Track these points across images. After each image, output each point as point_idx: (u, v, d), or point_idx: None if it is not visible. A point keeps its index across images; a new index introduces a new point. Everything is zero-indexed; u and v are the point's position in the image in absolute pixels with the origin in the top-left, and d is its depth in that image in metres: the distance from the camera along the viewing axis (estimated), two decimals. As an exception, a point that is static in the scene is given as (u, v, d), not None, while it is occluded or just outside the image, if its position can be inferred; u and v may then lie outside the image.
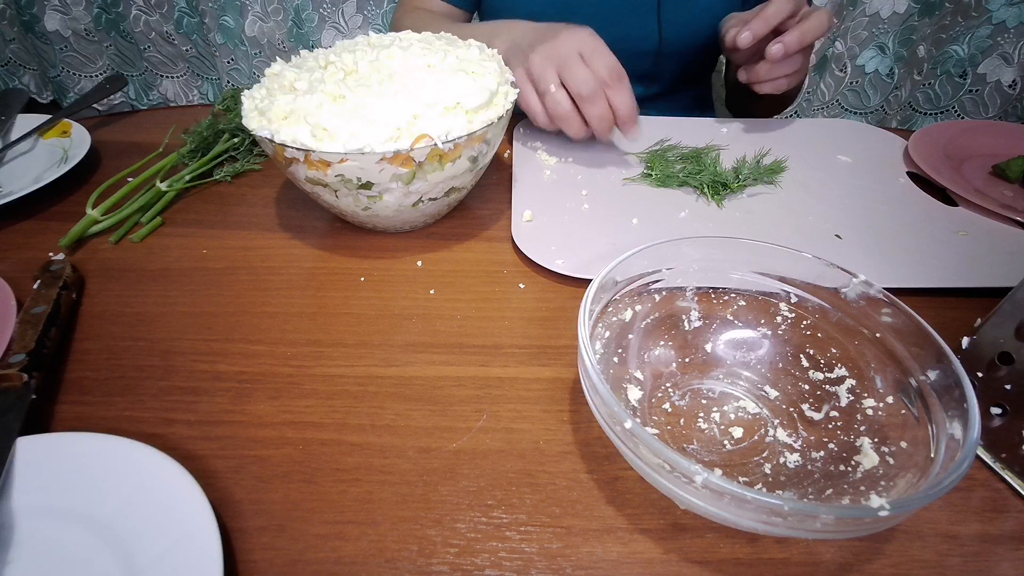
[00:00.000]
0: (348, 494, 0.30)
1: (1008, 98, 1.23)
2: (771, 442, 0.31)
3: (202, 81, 1.48)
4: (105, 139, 0.62)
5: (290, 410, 0.34)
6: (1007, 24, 1.15)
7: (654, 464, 0.25)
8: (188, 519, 0.26)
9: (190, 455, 0.31)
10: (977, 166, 0.57)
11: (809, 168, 0.56)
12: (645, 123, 0.64)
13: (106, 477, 0.28)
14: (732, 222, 0.49)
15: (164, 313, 0.41)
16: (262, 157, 0.58)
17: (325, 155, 0.38)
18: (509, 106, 0.44)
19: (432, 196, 0.44)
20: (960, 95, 1.26)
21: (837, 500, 0.27)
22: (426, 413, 0.34)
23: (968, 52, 1.20)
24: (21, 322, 0.36)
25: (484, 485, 0.30)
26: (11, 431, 0.30)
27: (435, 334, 0.39)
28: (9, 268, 0.45)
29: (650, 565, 0.27)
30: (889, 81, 1.25)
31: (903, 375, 0.30)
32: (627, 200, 0.51)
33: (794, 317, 0.35)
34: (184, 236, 0.49)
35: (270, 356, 0.38)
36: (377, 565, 0.27)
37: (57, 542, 0.27)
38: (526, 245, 0.45)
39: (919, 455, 0.27)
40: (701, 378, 0.35)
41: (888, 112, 1.29)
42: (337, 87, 0.40)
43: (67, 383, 0.36)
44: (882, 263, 0.44)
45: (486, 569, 0.27)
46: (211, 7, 1.31)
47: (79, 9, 1.35)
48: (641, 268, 0.34)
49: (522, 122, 0.63)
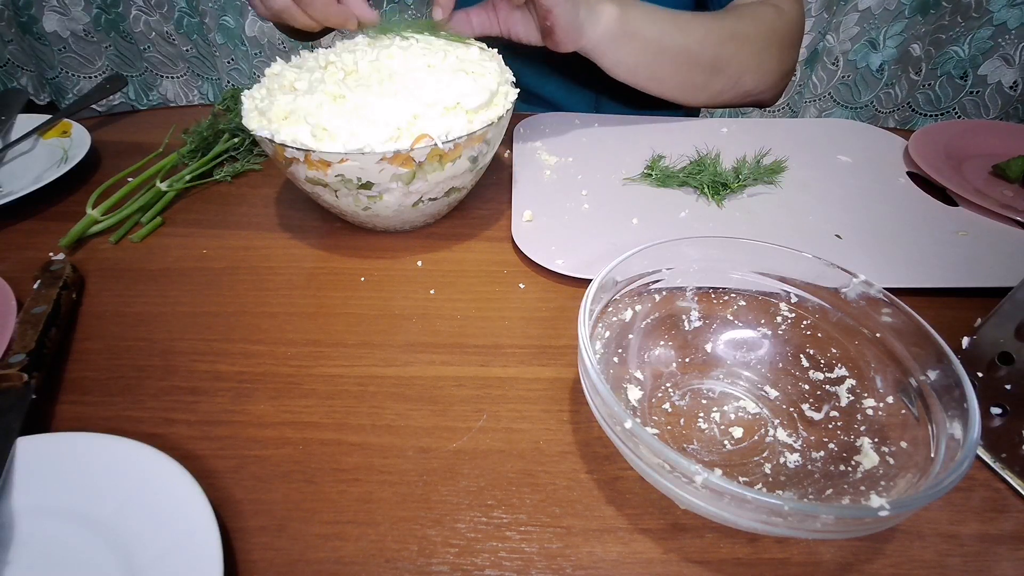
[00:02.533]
0: (348, 494, 0.30)
1: (1009, 99, 1.23)
2: (771, 442, 0.31)
3: (202, 81, 1.48)
4: (105, 139, 0.62)
5: (290, 410, 0.34)
6: (1008, 25, 1.15)
7: (654, 464, 0.25)
8: (188, 519, 0.26)
9: (190, 455, 0.31)
10: (977, 166, 0.57)
11: (809, 168, 0.56)
12: (647, 122, 0.64)
13: (106, 477, 0.28)
14: (732, 222, 0.49)
15: (164, 313, 0.41)
16: (262, 157, 0.58)
17: (325, 155, 0.38)
18: (509, 106, 0.44)
19: (432, 196, 0.44)
20: (961, 96, 1.26)
21: (837, 500, 0.27)
22: (426, 413, 0.34)
23: (969, 53, 1.20)
24: (21, 322, 0.36)
25: (484, 485, 0.30)
26: (11, 431, 0.30)
27: (435, 334, 0.39)
28: (9, 268, 0.45)
29: (650, 565, 0.27)
30: (879, 77, 1.25)
31: (903, 375, 0.30)
32: (627, 200, 0.51)
33: (794, 317, 0.35)
34: (184, 236, 0.49)
35: (270, 356, 0.38)
36: (377, 565, 0.27)
37: (57, 542, 0.27)
38: (526, 245, 0.45)
39: (919, 455, 0.27)
40: (701, 378, 0.35)
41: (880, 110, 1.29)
42: (337, 87, 0.40)
43: (67, 383, 0.36)
44: (882, 263, 0.44)
45: (486, 569, 0.27)
46: (211, 7, 1.31)
47: (78, 10, 1.35)
48: (641, 268, 0.34)
49: (522, 122, 0.63)
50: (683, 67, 0.59)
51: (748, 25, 0.61)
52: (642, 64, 0.58)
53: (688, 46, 0.58)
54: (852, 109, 1.30)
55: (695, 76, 0.60)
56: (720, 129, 0.63)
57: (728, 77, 0.61)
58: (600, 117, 0.65)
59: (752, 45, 0.61)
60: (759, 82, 0.63)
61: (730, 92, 0.63)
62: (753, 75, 0.62)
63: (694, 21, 0.58)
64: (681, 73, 0.59)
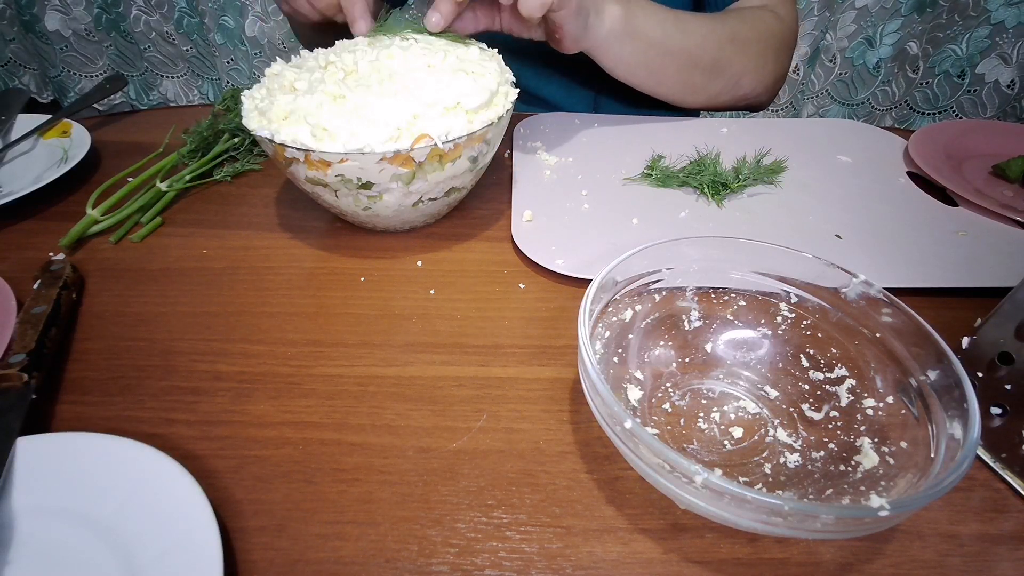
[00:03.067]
0: (348, 494, 0.30)
1: (1007, 98, 1.23)
2: (771, 442, 0.31)
3: (202, 81, 1.48)
4: (105, 139, 0.62)
5: (290, 410, 0.34)
6: (1006, 24, 1.15)
7: (654, 464, 0.25)
8: (188, 519, 0.26)
9: (190, 455, 0.31)
10: (977, 166, 0.57)
11: (809, 168, 0.56)
12: (647, 122, 0.64)
13: (106, 477, 0.28)
14: (732, 222, 0.49)
15: (164, 313, 0.41)
16: (262, 157, 0.58)
17: (325, 155, 0.38)
18: (509, 106, 0.44)
19: (432, 196, 0.44)
20: (958, 95, 1.26)
21: (837, 500, 0.27)
22: (426, 413, 0.34)
23: (966, 52, 1.20)
24: (21, 322, 0.36)
25: (484, 485, 0.30)
26: (11, 431, 0.30)
27: (435, 334, 0.39)
28: (9, 268, 0.45)
29: (650, 565, 0.27)
30: (876, 74, 1.25)
31: (903, 375, 0.30)
32: (627, 200, 0.51)
33: (794, 317, 0.35)
34: (184, 236, 0.49)
35: (270, 356, 0.38)
36: (377, 565, 0.27)
37: (57, 542, 0.27)
38: (526, 245, 0.45)
39: (919, 455, 0.27)
40: (701, 378, 0.35)
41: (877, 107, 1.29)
42: (337, 87, 0.40)
43: (67, 383, 0.36)
44: (882, 263, 0.44)
45: (486, 569, 0.27)
46: (211, 7, 1.31)
47: (79, 9, 1.35)
48: (641, 268, 0.34)
49: (522, 122, 0.63)
50: (683, 68, 0.59)
51: (749, 28, 0.61)
52: (643, 63, 0.58)
53: (689, 47, 0.58)
54: (849, 106, 1.30)
55: (695, 77, 0.60)
56: (720, 129, 0.63)
57: (727, 79, 0.61)
58: (600, 117, 0.65)
59: (752, 48, 0.61)
60: (756, 85, 0.63)
61: (728, 94, 0.63)
62: (752, 78, 0.62)
63: (696, 22, 0.58)
64: (681, 73, 0.59)
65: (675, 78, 0.60)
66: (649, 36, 0.56)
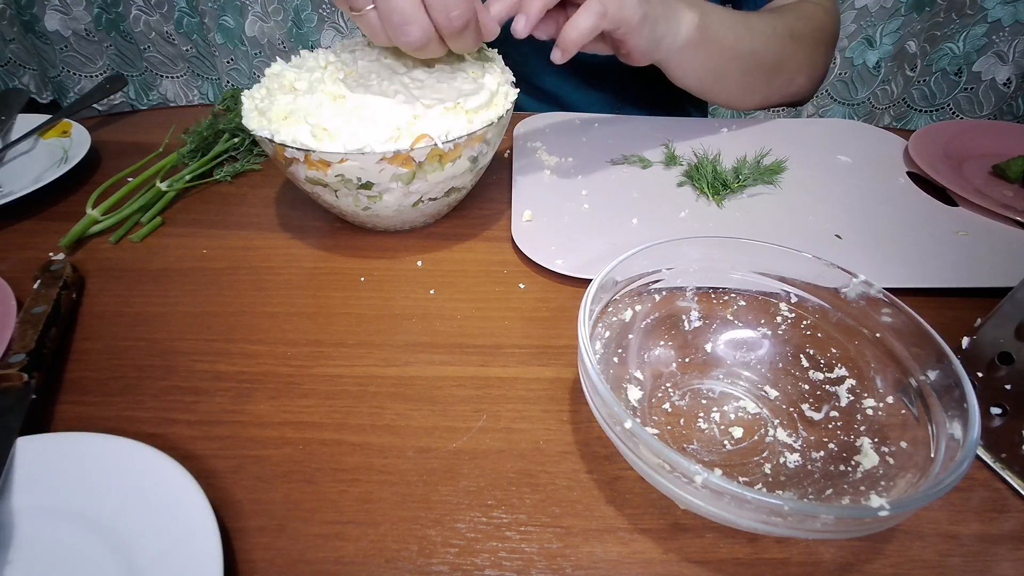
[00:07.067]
0: (348, 494, 0.30)
1: (1003, 96, 1.23)
2: (771, 442, 0.31)
3: (202, 81, 1.48)
4: (105, 139, 0.62)
5: (290, 410, 0.34)
6: (1002, 22, 1.16)
7: (654, 464, 0.25)
8: (188, 519, 0.26)
9: (190, 455, 0.31)
10: (977, 166, 0.57)
11: (809, 168, 0.56)
12: (644, 124, 0.64)
13: (106, 477, 0.28)
14: (732, 222, 0.49)
15: (164, 313, 0.41)
16: (262, 157, 0.58)
17: (325, 155, 0.38)
18: (509, 106, 0.44)
19: (432, 196, 0.44)
20: (955, 93, 1.26)
21: (837, 500, 0.27)
22: (426, 413, 0.34)
23: (963, 50, 1.20)
24: (21, 322, 0.36)
25: (484, 485, 0.30)
26: (11, 431, 0.30)
27: (435, 334, 0.39)
28: (9, 268, 0.45)
29: (650, 565, 0.27)
30: (876, 74, 1.25)
31: (903, 375, 0.30)
32: (627, 200, 0.51)
33: (794, 317, 0.35)
34: (184, 236, 0.49)
35: (270, 356, 0.38)
36: (377, 565, 0.27)
37: (57, 542, 0.27)
38: (526, 245, 0.45)
39: (919, 455, 0.27)
40: (701, 378, 0.35)
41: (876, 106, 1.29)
42: (337, 87, 0.40)
43: (67, 383, 0.36)
44: (882, 263, 0.44)
45: (486, 569, 0.27)
46: (211, 7, 1.31)
47: (79, 9, 1.35)
48: (641, 268, 0.34)
49: (522, 122, 0.63)
50: (748, 70, 0.57)
51: (804, 24, 0.59)
52: (711, 69, 0.55)
53: (756, 48, 0.55)
54: (849, 106, 1.30)
55: (757, 78, 0.58)
56: (720, 129, 0.63)
57: (785, 77, 0.59)
58: (600, 117, 0.65)
59: (807, 45, 0.59)
60: (808, 81, 0.61)
61: (781, 92, 0.61)
62: (806, 74, 0.61)
63: (759, 21, 0.56)
64: (745, 76, 0.57)
65: (739, 81, 0.57)
66: (722, 42, 0.53)
